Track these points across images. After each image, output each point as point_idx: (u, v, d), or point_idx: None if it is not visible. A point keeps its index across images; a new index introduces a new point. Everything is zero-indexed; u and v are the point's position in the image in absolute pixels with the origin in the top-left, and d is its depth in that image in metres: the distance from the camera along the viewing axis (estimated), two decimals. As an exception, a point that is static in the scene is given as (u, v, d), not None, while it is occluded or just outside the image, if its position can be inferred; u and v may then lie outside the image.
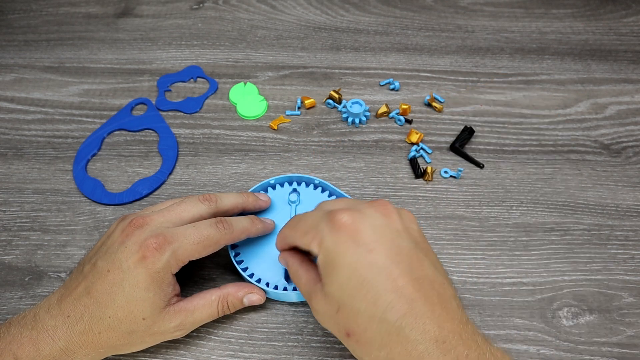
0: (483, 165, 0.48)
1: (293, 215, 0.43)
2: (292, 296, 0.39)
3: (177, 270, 0.36)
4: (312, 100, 0.52)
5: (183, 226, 0.36)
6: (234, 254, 0.41)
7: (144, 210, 0.39)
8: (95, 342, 0.34)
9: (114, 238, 0.36)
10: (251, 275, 0.40)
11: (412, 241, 0.30)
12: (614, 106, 0.53)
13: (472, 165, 0.48)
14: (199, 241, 0.35)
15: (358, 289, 0.28)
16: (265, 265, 0.40)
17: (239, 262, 0.41)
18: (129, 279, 0.34)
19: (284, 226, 0.35)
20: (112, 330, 0.34)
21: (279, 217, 0.43)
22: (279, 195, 0.44)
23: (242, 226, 0.38)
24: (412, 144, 0.50)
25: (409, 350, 0.27)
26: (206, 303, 0.37)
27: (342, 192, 0.43)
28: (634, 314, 0.40)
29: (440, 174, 0.48)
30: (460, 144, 0.49)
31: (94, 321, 0.34)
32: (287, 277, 0.40)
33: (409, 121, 0.51)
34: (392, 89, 0.54)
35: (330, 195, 0.44)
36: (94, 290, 0.34)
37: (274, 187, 0.45)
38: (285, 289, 0.39)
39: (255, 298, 0.39)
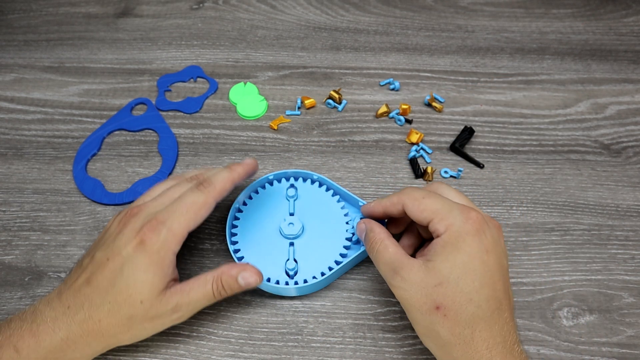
0: (483, 165, 0.48)
1: (292, 210, 0.43)
2: (292, 290, 0.39)
3: (178, 248, 0.36)
4: (312, 100, 0.52)
5: (170, 205, 0.37)
6: (233, 249, 0.41)
7: (138, 200, 0.40)
8: (95, 330, 0.34)
9: (112, 230, 0.37)
10: None
11: (505, 263, 0.35)
12: (614, 106, 0.53)
13: (472, 165, 0.48)
14: (187, 209, 0.36)
15: (468, 274, 0.32)
16: (265, 261, 0.41)
17: (240, 259, 0.41)
18: (128, 264, 0.34)
19: (397, 194, 0.37)
20: (112, 315, 0.34)
21: (278, 212, 0.43)
22: (277, 191, 0.44)
23: (223, 177, 0.38)
24: (412, 144, 0.50)
25: (493, 333, 0.32)
26: (201, 282, 0.36)
27: (339, 186, 0.43)
28: (634, 314, 0.40)
29: (440, 174, 0.48)
30: (460, 144, 0.49)
31: (94, 308, 0.34)
32: (289, 275, 0.40)
33: (409, 121, 0.51)
34: (392, 89, 0.54)
35: (327, 190, 0.44)
36: (94, 279, 0.34)
37: (271, 183, 0.45)
38: (287, 283, 0.39)
39: (249, 276, 0.37)
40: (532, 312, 0.40)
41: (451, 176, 0.48)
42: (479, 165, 0.48)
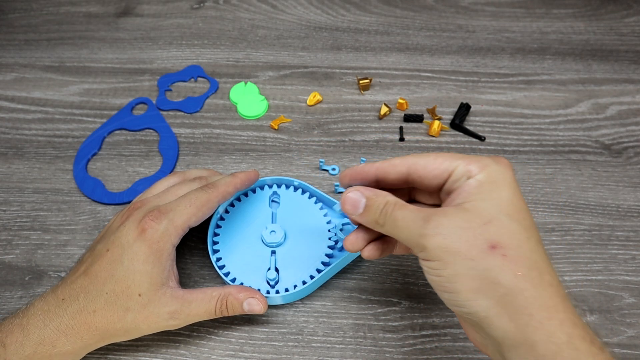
0: (484, 138, 0.48)
1: (274, 218, 0.43)
2: (278, 299, 0.39)
3: (178, 241, 0.36)
4: (319, 97, 0.53)
5: (174, 200, 0.37)
6: (215, 258, 0.41)
7: (141, 195, 0.40)
8: (88, 323, 0.33)
9: (114, 224, 0.37)
10: (233, 280, 0.40)
11: None
12: (615, 106, 0.53)
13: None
14: (190, 204, 0.36)
15: (518, 211, 0.28)
16: (247, 270, 0.40)
17: (221, 268, 0.40)
18: (128, 254, 0.34)
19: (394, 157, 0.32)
20: (108, 306, 0.34)
21: (259, 220, 0.43)
22: (259, 198, 0.44)
23: (225, 181, 0.39)
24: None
25: (556, 280, 0.28)
26: (205, 297, 0.36)
27: (321, 192, 0.43)
28: (635, 314, 0.40)
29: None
30: (460, 120, 0.50)
31: (90, 299, 0.34)
32: (270, 285, 0.40)
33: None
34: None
35: (310, 197, 0.44)
36: (92, 270, 0.34)
37: (253, 191, 0.44)
38: (268, 292, 0.39)
39: (256, 304, 0.37)
40: (533, 312, 0.40)
41: None
42: (481, 138, 0.48)
